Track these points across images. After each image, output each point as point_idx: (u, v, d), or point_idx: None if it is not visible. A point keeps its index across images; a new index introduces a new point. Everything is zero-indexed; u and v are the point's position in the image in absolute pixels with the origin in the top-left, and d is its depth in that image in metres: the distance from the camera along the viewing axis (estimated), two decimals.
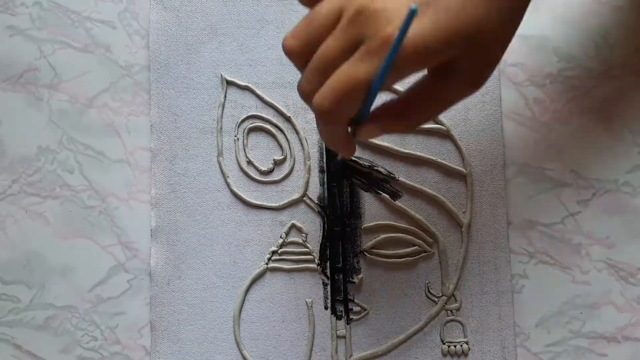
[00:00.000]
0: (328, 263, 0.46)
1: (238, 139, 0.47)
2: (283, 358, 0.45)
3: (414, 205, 0.46)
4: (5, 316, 0.46)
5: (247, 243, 0.46)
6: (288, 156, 0.47)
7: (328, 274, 0.46)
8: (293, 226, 0.46)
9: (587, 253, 0.46)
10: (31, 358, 0.45)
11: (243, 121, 0.47)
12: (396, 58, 0.28)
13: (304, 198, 0.46)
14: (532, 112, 0.47)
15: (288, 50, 0.32)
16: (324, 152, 0.47)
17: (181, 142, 0.47)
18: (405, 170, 0.46)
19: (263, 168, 0.47)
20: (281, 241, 0.46)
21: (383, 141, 0.46)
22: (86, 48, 0.48)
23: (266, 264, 0.46)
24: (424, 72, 0.33)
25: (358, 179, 0.46)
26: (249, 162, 0.47)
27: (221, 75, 0.47)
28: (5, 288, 0.46)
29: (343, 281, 0.46)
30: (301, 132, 0.47)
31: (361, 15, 0.29)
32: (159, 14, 0.48)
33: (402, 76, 0.30)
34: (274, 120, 0.47)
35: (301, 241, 0.46)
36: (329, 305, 0.46)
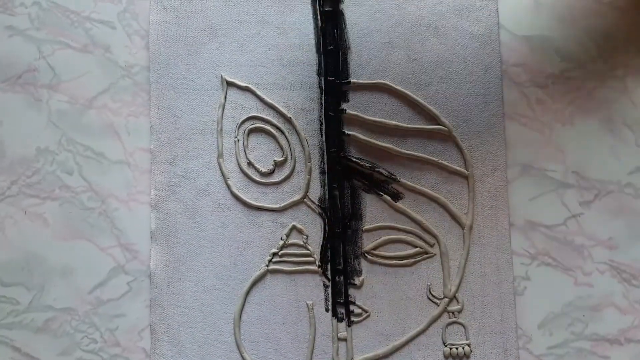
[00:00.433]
0: (329, 265, 0.46)
1: (238, 140, 0.47)
2: None
3: (415, 206, 0.46)
4: (4, 318, 0.45)
5: (248, 245, 0.46)
6: (289, 157, 0.47)
7: (329, 276, 0.46)
8: (294, 228, 0.46)
9: (590, 255, 0.46)
10: None
11: (243, 122, 0.47)
12: None
13: (305, 199, 0.46)
14: (535, 113, 0.47)
15: None
16: (325, 151, 0.46)
17: (181, 144, 0.46)
18: (406, 171, 0.46)
19: (263, 169, 0.46)
20: (282, 243, 0.46)
21: (384, 142, 0.46)
22: (85, 48, 0.48)
23: (267, 266, 0.45)
24: None
25: (359, 181, 0.46)
26: (250, 164, 0.46)
27: (221, 76, 0.47)
28: (4, 290, 0.46)
29: (344, 283, 0.46)
30: (302, 133, 0.46)
31: None
32: (159, 15, 0.47)
33: None
34: (275, 121, 0.47)
35: (302, 243, 0.46)
36: (330, 307, 0.45)
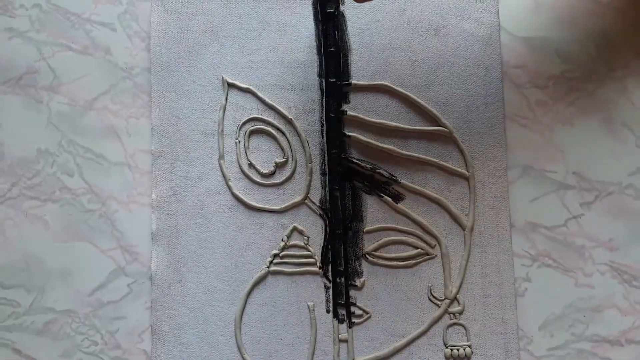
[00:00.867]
0: (330, 266, 0.46)
1: (239, 142, 0.46)
2: None
3: (416, 208, 0.46)
4: (4, 320, 0.45)
5: (249, 246, 0.46)
6: (290, 159, 0.46)
7: (330, 277, 0.46)
8: (295, 229, 0.46)
9: (590, 256, 0.46)
10: None
11: (244, 124, 0.47)
12: None
13: (306, 201, 0.46)
14: (535, 114, 0.47)
15: None
16: (326, 153, 0.46)
17: (182, 145, 0.46)
18: (407, 172, 0.46)
19: (264, 171, 0.46)
20: (283, 244, 0.46)
21: (385, 144, 0.46)
22: (86, 50, 0.48)
23: (268, 267, 0.45)
24: None
25: (360, 182, 0.46)
26: (251, 165, 0.46)
27: (222, 77, 0.47)
28: (4, 292, 0.46)
29: (345, 284, 0.45)
30: (303, 135, 0.46)
31: None
32: (160, 17, 0.47)
33: None
34: (276, 122, 0.47)
35: (303, 244, 0.46)
36: (331, 308, 0.45)
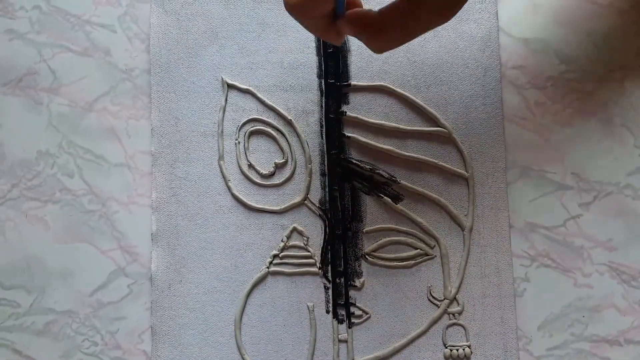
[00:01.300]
0: (329, 267, 0.46)
1: (239, 143, 0.47)
2: None
3: (416, 208, 0.46)
4: (4, 321, 0.45)
5: (248, 247, 0.46)
6: (289, 159, 0.47)
7: (329, 278, 0.46)
8: (294, 230, 0.46)
9: (589, 256, 0.46)
10: None
11: (244, 124, 0.47)
12: None
13: (305, 201, 0.46)
14: (534, 115, 0.47)
15: None
16: (325, 154, 0.46)
17: (182, 146, 0.46)
18: (406, 173, 0.46)
19: (264, 171, 0.46)
20: (282, 245, 0.46)
21: (384, 144, 0.46)
22: (86, 52, 0.48)
23: (267, 268, 0.45)
24: None
25: (359, 182, 0.46)
26: (250, 166, 0.47)
27: (222, 78, 0.47)
28: (4, 293, 0.46)
29: (344, 285, 0.46)
30: (302, 135, 0.46)
31: None
32: (160, 18, 0.47)
33: None
34: (275, 123, 0.47)
35: (302, 245, 0.46)
36: (331, 309, 0.45)
